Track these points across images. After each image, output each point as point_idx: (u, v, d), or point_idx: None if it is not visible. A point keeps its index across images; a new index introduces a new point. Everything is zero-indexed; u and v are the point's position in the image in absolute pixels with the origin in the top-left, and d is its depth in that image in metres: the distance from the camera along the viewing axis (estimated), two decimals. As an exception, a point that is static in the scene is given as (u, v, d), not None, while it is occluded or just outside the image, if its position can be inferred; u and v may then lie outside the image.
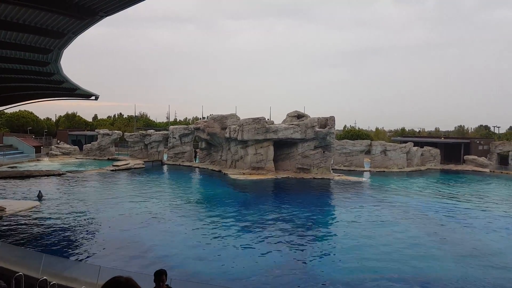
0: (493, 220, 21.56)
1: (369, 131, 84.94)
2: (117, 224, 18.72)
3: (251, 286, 11.93)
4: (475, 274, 13.31)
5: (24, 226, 17.74)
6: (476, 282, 12.62)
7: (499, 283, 12.66)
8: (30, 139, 57.19)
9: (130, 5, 10.55)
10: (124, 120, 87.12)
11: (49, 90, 26.56)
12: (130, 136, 52.73)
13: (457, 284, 12.44)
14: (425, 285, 12.32)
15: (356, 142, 48.48)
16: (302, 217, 21.26)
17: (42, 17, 11.77)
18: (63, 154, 53.53)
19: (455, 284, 12.40)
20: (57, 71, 18.77)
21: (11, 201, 22.77)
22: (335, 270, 13.51)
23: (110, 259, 13.71)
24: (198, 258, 14.39)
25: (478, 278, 12.90)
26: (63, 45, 14.57)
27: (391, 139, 63.82)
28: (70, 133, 65.04)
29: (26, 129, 66.02)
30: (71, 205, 22.66)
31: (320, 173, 38.00)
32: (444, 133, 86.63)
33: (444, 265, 14.16)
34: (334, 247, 16.23)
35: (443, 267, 13.99)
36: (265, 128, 38.08)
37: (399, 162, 47.07)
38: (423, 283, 12.45)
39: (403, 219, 21.23)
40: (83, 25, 12.21)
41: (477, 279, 12.86)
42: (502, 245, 16.88)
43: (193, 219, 20.35)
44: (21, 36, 13.63)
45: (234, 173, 38.01)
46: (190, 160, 49.20)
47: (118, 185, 31.50)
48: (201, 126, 44.87)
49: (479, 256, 15.21)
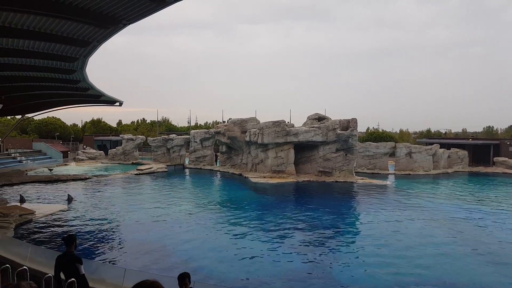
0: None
1: (393, 133, 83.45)
2: (141, 227, 19.06)
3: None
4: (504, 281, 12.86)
5: (52, 229, 18.30)
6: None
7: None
8: (58, 144, 59.05)
9: (151, 13, 10.81)
10: (147, 125, 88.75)
11: (76, 97, 27.36)
12: (153, 140, 53.66)
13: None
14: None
15: (380, 145, 47.66)
16: (325, 221, 21.06)
17: (68, 27, 12.19)
18: (89, 159, 54.96)
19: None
20: (83, 79, 19.34)
21: (40, 204, 23.54)
22: (359, 276, 13.28)
23: (134, 262, 13.97)
24: (220, 261, 14.47)
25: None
26: (88, 53, 15.03)
27: (416, 141, 62.49)
28: (96, 139, 66.77)
29: (54, 135, 68.21)
30: (97, 208, 23.23)
31: (342, 176, 37.57)
32: (472, 134, 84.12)
33: (475, 274, 13.72)
34: (358, 252, 15.97)
35: (472, 275, 13.56)
36: (286, 131, 37.99)
37: (425, 164, 45.98)
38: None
39: (431, 224, 20.66)
40: (107, 33, 12.59)
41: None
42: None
43: (215, 222, 20.49)
44: (49, 45, 14.14)
45: (254, 177, 38.07)
46: (211, 163, 49.60)
47: (142, 188, 32.08)
48: (222, 130, 45.20)
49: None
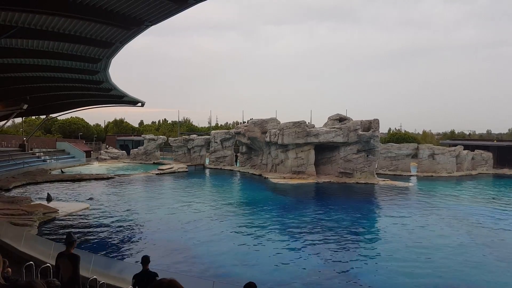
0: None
1: (416, 134, 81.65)
2: (162, 226, 19.21)
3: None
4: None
5: (75, 227, 18.65)
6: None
7: None
8: (81, 144, 60.33)
9: (173, 14, 10.83)
10: (168, 125, 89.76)
11: (99, 98, 27.83)
12: (174, 141, 54.21)
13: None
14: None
15: (402, 146, 46.72)
16: (346, 223, 20.74)
17: (91, 28, 12.36)
18: (111, 158, 55.94)
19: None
20: (106, 79, 19.63)
21: (64, 203, 24.04)
22: (380, 278, 13.01)
23: (155, 260, 14.04)
24: (240, 261, 14.41)
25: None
26: (111, 54, 15.22)
27: (440, 143, 61.00)
28: (118, 138, 67.91)
29: (77, 134, 69.73)
30: (119, 207, 23.56)
31: (363, 178, 36.99)
32: (497, 136, 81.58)
33: (497, 279, 13.22)
34: (378, 254, 15.64)
35: (495, 280, 13.07)
36: (306, 132, 37.69)
37: (448, 166, 44.81)
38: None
39: (454, 228, 20.09)
40: (129, 34, 12.70)
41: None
42: None
43: (235, 222, 20.46)
44: (73, 46, 14.38)
45: (274, 177, 37.90)
46: (231, 164, 49.72)
47: (163, 188, 32.40)
48: (242, 131, 45.24)
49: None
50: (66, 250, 7.24)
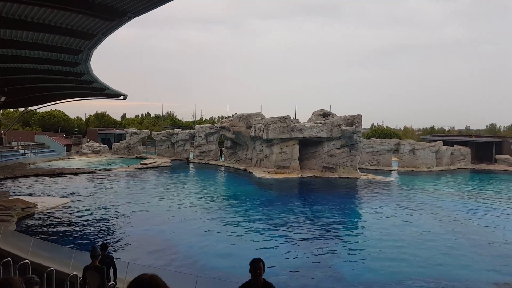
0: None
1: (397, 129, 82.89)
2: (144, 221, 19.02)
3: (278, 285, 11.82)
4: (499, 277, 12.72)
5: (55, 223, 18.30)
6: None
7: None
8: (61, 137, 59.10)
9: (157, 6, 10.64)
10: (152, 119, 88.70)
11: (80, 90, 27.27)
12: (157, 135, 53.63)
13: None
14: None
15: (384, 141, 47.47)
16: (328, 217, 20.96)
17: (72, 19, 12.04)
18: (92, 152, 55.01)
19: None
20: (87, 72, 19.23)
21: (43, 198, 23.55)
22: (361, 272, 13.23)
23: (137, 256, 13.93)
24: (223, 256, 14.41)
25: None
26: (93, 45, 14.88)
27: (420, 138, 62.12)
28: (100, 132, 66.74)
29: (57, 128, 68.27)
30: (100, 202, 23.21)
31: (346, 172, 37.43)
32: (475, 132, 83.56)
33: (474, 270, 13.61)
34: (361, 248, 15.90)
35: (473, 272, 13.45)
36: (291, 127, 37.83)
37: (428, 161, 45.75)
38: (448, 286, 12.01)
39: (433, 221, 20.58)
40: (112, 26, 12.43)
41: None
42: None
43: (218, 217, 20.43)
44: (53, 37, 14.00)
45: (259, 172, 37.98)
46: (215, 158, 49.55)
47: (146, 183, 32.07)
48: (227, 125, 45.08)
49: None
50: (92, 263, 7.93)
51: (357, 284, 12.19)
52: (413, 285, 12.12)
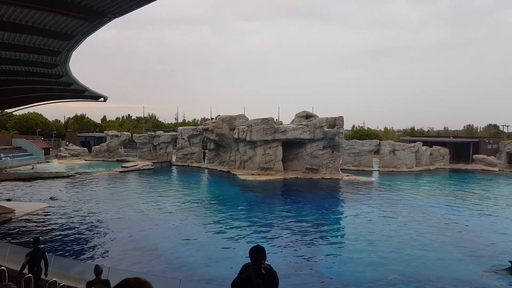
0: (500, 220, 21.30)
1: (378, 131, 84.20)
2: (126, 226, 18.73)
3: None
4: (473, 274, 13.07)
5: (33, 228, 17.84)
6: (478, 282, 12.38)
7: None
8: (39, 141, 57.68)
9: (138, 7, 10.49)
10: (133, 121, 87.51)
11: (58, 92, 26.69)
12: (139, 137, 52.93)
13: (463, 283, 12.23)
14: (432, 282, 12.12)
15: (365, 142, 48.14)
16: (311, 218, 21.10)
17: (50, 19, 11.77)
18: (72, 155, 53.91)
19: (460, 283, 12.19)
20: (66, 73, 18.83)
21: (20, 203, 22.92)
22: (344, 271, 13.37)
23: (119, 260, 13.71)
24: (207, 259, 14.33)
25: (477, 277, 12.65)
26: (71, 47, 14.58)
27: (400, 139, 63.24)
28: (79, 135, 65.46)
29: (35, 131, 66.59)
30: (80, 206, 22.75)
31: (329, 173, 37.76)
32: (453, 133, 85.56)
33: (454, 265, 13.92)
34: (343, 247, 16.09)
35: (453, 267, 13.76)
36: (274, 128, 37.94)
37: (408, 161, 46.61)
38: (428, 282, 12.26)
39: (413, 219, 20.96)
40: (91, 27, 12.20)
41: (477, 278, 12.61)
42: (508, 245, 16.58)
43: (202, 220, 20.29)
44: (30, 38, 13.67)
45: (242, 174, 37.93)
46: (198, 161, 49.22)
47: (127, 186, 31.60)
48: (210, 127, 44.88)
49: (488, 256, 14.94)
50: (96, 278, 8.11)
51: (340, 283, 12.30)
52: (394, 281, 12.31)
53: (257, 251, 4.77)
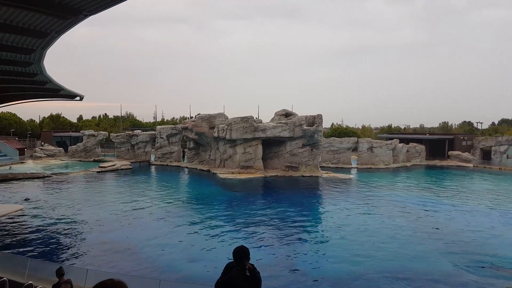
0: (475, 213, 22.07)
1: (356, 128, 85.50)
2: (104, 226, 18.45)
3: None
4: (449, 266, 13.52)
5: (8, 230, 17.36)
6: (453, 274, 12.81)
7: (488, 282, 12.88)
8: (13, 141, 55.97)
9: (114, 4, 10.35)
10: (110, 120, 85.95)
11: (33, 91, 26.03)
12: (116, 136, 52.07)
13: (441, 277, 12.62)
14: (410, 278, 12.46)
15: (343, 140, 48.84)
16: (292, 215, 21.29)
17: (24, 17, 11.49)
18: (47, 156, 52.58)
19: (438, 278, 12.57)
20: (40, 71, 18.40)
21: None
22: (325, 267, 13.56)
23: (97, 262, 13.51)
24: (188, 259, 14.28)
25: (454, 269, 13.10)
26: (46, 45, 14.26)
27: (378, 136, 64.45)
28: (55, 135, 63.87)
29: (8, 131, 64.56)
30: (56, 208, 22.26)
31: (308, 171, 38.15)
32: (429, 130, 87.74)
33: (432, 261, 14.34)
34: (323, 244, 16.30)
35: (431, 262, 14.17)
36: (254, 127, 38.03)
37: (385, 158, 47.58)
38: (407, 278, 12.59)
39: (391, 215, 21.44)
40: (66, 24, 11.96)
41: (452, 270, 13.06)
42: (482, 236, 17.20)
43: (182, 219, 20.18)
44: (3, 35, 13.29)
45: (223, 173, 37.88)
46: (178, 160, 48.84)
47: (105, 186, 31.08)
48: (189, 126, 44.59)
49: (463, 250, 15.46)
50: (61, 280, 8.00)
51: (322, 279, 12.48)
52: (374, 278, 12.59)
53: (240, 253, 4.72)
